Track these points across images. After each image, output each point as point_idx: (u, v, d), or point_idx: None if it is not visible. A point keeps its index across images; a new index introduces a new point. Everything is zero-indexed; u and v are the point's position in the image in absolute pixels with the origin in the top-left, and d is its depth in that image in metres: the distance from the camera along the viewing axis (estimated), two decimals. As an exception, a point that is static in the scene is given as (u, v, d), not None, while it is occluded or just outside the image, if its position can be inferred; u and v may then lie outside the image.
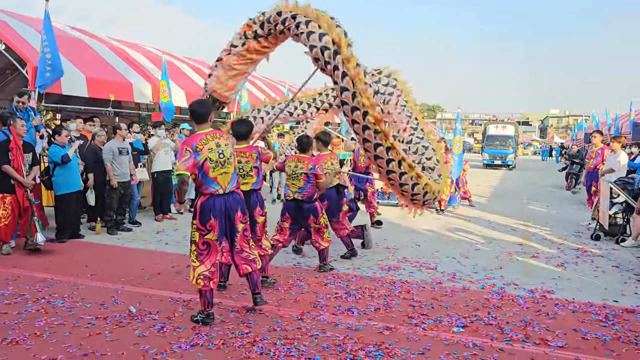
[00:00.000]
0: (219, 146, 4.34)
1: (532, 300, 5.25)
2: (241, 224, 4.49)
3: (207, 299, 4.36)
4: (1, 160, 6.46)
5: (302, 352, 3.84)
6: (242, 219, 4.50)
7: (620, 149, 9.28)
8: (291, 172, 5.96)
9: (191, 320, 4.42)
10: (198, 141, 4.27)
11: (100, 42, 12.11)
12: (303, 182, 5.91)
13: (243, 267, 4.56)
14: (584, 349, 4.05)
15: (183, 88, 12.43)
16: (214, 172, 4.29)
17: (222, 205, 4.35)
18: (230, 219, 4.42)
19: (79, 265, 6.17)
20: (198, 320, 4.38)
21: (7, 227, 6.53)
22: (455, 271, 6.33)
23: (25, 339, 3.95)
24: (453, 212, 11.35)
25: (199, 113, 4.42)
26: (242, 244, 4.54)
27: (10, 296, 4.94)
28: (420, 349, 3.96)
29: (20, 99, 7.47)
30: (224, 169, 4.35)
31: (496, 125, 33.29)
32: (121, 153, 8.13)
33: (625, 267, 6.73)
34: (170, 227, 8.72)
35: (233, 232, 4.46)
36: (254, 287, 4.63)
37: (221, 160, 4.32)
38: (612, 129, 19.76)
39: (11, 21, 9.70)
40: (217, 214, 4.32)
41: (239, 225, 4.46)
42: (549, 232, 9.13)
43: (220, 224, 4.35)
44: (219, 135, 4.42)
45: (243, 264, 4.55)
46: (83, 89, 9.48)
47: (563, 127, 76.26)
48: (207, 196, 4.32)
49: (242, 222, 4.50)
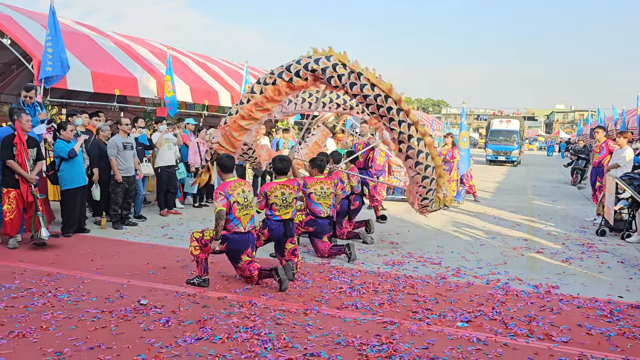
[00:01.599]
0: (243, 192, 5.28)
1: (536, 295, 5.25)
2: (246, 257, 5.33)
3: (204, 266, 5.26)
4: (6, 154, 6.49)
5: (306, 347, 3.86)
6: (249, 255, 5.37)
7: (626, 144, 9.23)
8: (320, 193, 6.56)
9: (187, 283, 5.28)
10: (229, 187, 5.21)
11: (105, 37, 12.12)
12: (332, 200, 6.67)
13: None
14: (589, 345, 4.05)
15: (188, 83, 12.45)
16: (239, 212, 5.20)
17: (238, 242, 5.26)
18: (239, 252, 5.30)
19: (85, 259, 6.21)
20: (194, 282, 5.25)
21: (12, 222, 6.56)
22: (459, 266, 6.32)
23: (32, 332, 3.98)
24: (458, 207, 11.33)
25: (226, 165, 5.38)
26: (244, 266, 5.35)
27: (16, 290, 4.97)
28: (424, 343, 3.97)
29: (28, 93, 7.50)
30: (246, 210, 5.28)
31: (500, 119, 31.45)
32: (125, 148, 8.16)
33: (631, 262, 6.71)
34: (175, 222, 8.75)
35: (237, 259, 5.35)
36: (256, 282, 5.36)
37: (245, 204, 5.24)
38: (619, 124, 19.66)
39: (17, 16, 9.72)
40: (231, 245, 5.26)
41: (243, 257, 5.31)
42: (554, 228, 9.11)
43: (229, 252, 5.32)
44: (243, 183, 5.42)
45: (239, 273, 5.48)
46: (88, 83, 9.50)
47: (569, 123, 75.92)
48: (230, 232, 5.22)
49: (248, 256, 5.34)
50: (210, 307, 4.64)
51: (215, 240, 5.16)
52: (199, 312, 4.51)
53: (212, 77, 14.35)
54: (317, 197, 6.53)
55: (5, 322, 4.16)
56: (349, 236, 7.57)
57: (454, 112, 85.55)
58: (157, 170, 9.31)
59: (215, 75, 14.61)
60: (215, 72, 14.85)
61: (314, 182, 6.57)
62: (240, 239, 5.26)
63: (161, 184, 9.40)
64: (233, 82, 14.84)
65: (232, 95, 13.91)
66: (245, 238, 5.29)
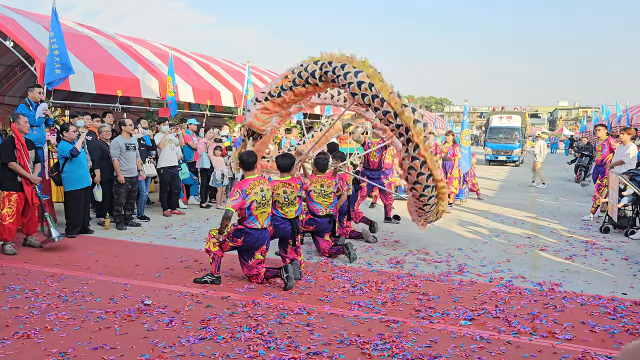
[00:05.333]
0: (262, 190, 5.32)
1: (540, 293, 5.24)
2: (260, 255, 5.39)
3: (218, 263, 5.29)
4: (8, 157, 6.47)
5: (309, 346, 3.86)
6: (263, 253, 5.43)
7: (629, 141, 9.20)
8: (319, 191, 6.59)
9: (197, 281, 5.31)
10: (247, 186, 5.23)
11: (107, 39, 12.15)
12: (332, 199, 6.63)
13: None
14: (592, 342, 4.04)
15: (190, 84, 12.47)
16: (257, 210, 5.26)
17: (255, 238, 5.28)
18: (254, 249, 5.33)
19: (89, 260, 6.23)
20: (206, 280, 5.28)
21: (11, 226, 6.49)
22: (462, 264, 6.32)
23: (36, 333, 4.01)
24: (461, 205, 11.32)
25: (247, 162, 5.41)
26: (254, 265, 5.39)
27: (21, 291, 5.00)
28: (427, 342, 3.97)
29: (39, 89, 7.64)
30: (264, 208, 5.34)
31: (500, 115, 28.01)
32: (128, 149, 8.18)
33: (635, 259, 6.69)
34: (178, 222, 8.77)
35: (249, 256, 5.36)
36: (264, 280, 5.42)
37: (263, 202, 5.30)
38: (623, 120, 19.59)
39: (19, 18, 9.75)
40: (248, 240, 5.27)
41: (257, 255, 5.35)
42: (558, 225, 9.09)
43: (244, 247, 5.34)
44: (262, 181, 5.44)
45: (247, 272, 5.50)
46: (91, 85, 9.52)
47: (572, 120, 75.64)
48: (247, 227, 5.26)
49: (262, 254, 5.41)
50: (214, 307, 4.66)
51: (220, 233, 5.25)
52: (202, 312, 4.52)
53: (214, 77, 14.38)
54: (316, 196, 6.55)
55: (10, 323, 4.19)
56: (352, 236, 7.58)
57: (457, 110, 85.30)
58: (159, 170, 9.33)
59: (218, 76, 14.63)
60: (217, 73, 14.87)
61: (315, 180, 6.59)
62: (257, 235, 5.29)
63: (164, 184, 9.43)
64: (235, 82, 14.86)
65: (235, 96, 13.93)
66: (262, 235, 5.33)
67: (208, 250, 5.34)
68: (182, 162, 9.90)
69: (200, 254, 6.39)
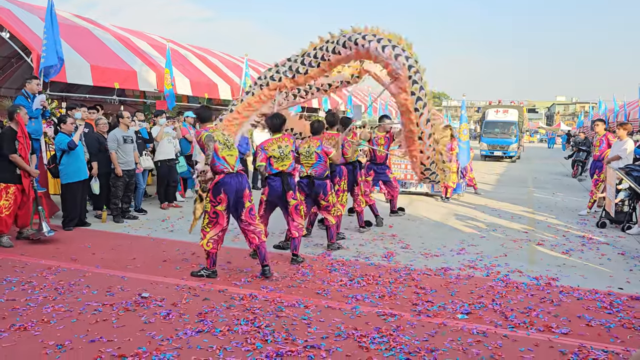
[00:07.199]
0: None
1: (536, 287, 5.26)
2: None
3: (213, 259, 5.36)
4: (9, 149, 6.41)
5: (307, 339, 3.87)
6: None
7: (626, 136, 9.20)
8: (305, 152, 6.51)
9: (193, 274, 5.36)
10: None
11: (104, 30, 12.09)
12: (315, 160, 6.48)
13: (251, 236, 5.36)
14: (588, 336, 4.06)
15: (188, 76, 12.42)
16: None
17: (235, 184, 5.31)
18: (238, 197, 5.31)
19: (86, 252, 6.22)
20: (203, 274, 5.33)
21: (7, 218, 6.46)
22: (460, 258, 6.33)
23: (33, 325, 4.00)
24: (458, 199, 11.33)
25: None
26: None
27: (17, 283, 4.99)
28: (424, 335, 3.98)
29: (37, 81, 7.62)
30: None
31: (496, 109, 27.23)
32: (125, 141, 8.15)
33: (631, 254, 6.71)
34: (175, 215, 8.76)
35: (241, 208, 5.33)
36: (262, 260, 5.35)
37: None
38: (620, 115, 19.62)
39: (16, 9, 9.69)
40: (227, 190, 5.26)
41: (246, 203, 5.32)
42: (555, 220, 9.11)
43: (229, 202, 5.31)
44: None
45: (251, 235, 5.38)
46: (88, 77, 9.48)
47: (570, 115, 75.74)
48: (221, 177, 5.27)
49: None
50: (211, 299, 4.66)
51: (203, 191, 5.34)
52: (199, 305, 4.52)
53: (212, 70, 14.32)
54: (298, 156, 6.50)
55: (7, 315, 4.18)
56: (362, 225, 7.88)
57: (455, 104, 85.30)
58: (157, 163, 9.30)
59: (215, 69, 14.58)
60: (215, 65, 14.82)
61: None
62: (232, 181, 5.23)
63: (161, 177, 9.40)
64: (233, 75, 14.81)
65: (232, 88, 13.88)
66: (237, 179, 5.29)
67: (204, 248, 5.34)
68: (180, 156, 9.86)
69: (198, 247, 6.37)
